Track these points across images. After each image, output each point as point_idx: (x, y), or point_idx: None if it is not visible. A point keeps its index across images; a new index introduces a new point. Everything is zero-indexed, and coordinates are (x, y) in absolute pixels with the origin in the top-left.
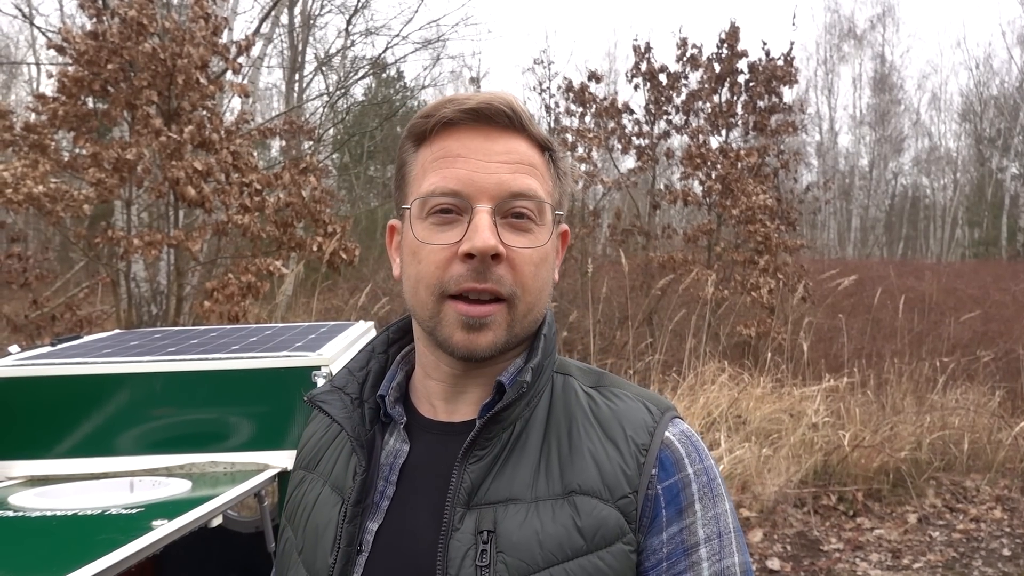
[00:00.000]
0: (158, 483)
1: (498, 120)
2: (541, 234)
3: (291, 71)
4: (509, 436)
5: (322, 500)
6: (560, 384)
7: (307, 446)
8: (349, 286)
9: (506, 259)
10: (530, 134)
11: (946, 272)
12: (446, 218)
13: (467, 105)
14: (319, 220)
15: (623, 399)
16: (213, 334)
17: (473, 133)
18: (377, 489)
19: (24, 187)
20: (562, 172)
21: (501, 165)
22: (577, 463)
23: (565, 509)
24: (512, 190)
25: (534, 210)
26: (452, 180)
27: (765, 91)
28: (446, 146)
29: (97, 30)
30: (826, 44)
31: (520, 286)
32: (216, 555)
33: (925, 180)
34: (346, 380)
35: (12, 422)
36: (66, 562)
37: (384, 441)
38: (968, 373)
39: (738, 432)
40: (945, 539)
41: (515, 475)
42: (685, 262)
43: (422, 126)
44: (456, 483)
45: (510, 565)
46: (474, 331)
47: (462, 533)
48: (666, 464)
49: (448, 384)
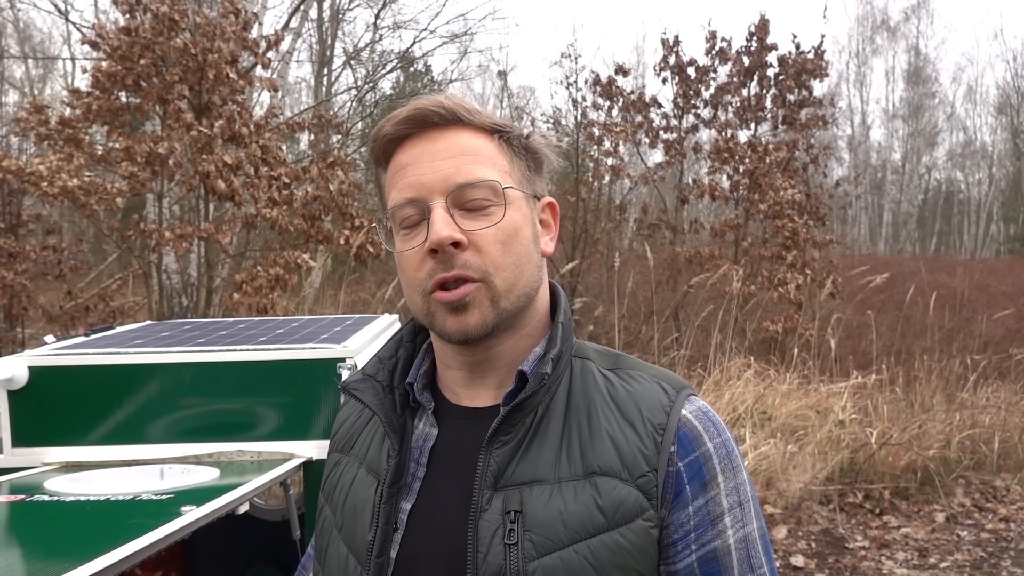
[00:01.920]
0: (187, 470)
1: (433, 120)
2: (499, 212)
3: (320, 65)
4: (531, 420)
5: (359, 481)
6: (579, 368)
7: (341, 430)
8: (376, 279)
9: (471, 244)
10: (471, 124)
11: (979, 268)
12: (412, 224)
13: (401, 117)
14: (346, 214)
15: (639, 380)
16: (242, 326)
17: (416, 140)
18: (409, 471)
19: (59, 180)
20: (520, 148)
21: (444, 161)
22: (597, 445)
23: (587, 489)
24: (458, 182)
25: (487, 193)
26: (406, 189)
27: (795, 85)
28: (397, 160)
29: (130, 26)
30: (858, 36)
31: (491, 264)
32: (243, 541)
33: (959, 175)
34: (377, 368)
35: (47, 410)
36: (99, 545)
37: (414, 425)
38: (1000, 371)
39: (763, 428)
40: (973, 539)
41: (538, 458)
42: (712, 257)
43: (375, 150)
44: (483, 467)
45: (536, 543)
46: (460, 313)
47: (490, 513)
48: (685, 441)
49: (465, 372)
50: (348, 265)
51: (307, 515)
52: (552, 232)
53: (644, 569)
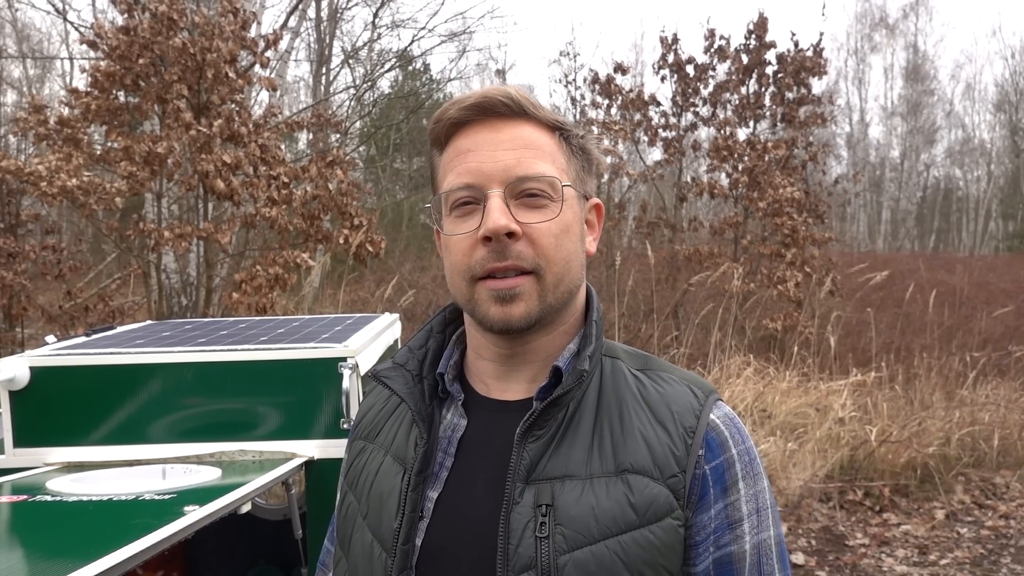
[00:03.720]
0: (189, 470)
1: (499, 110)
2: (555, 208)
3: (318, 64)
4: (564, 416)
5: (384, 469)
6: (609, 367)
7: (366, 418)
8: (375, 278)
9: (525, 236)
10: (535, 118)
11: (978, 266)
12: (466, 209)
13: (468, 103)
14: (346, 213)
15: (670, 383)
16: (242, 325)
17: (479, 127)
18: (436, 460)
19: (58, 180)
20: (578, 148)
21: (507, 152)
22: (629, 443)
23: (619, 486)
24: (519, 174)
25: (545, 188)
26: (465, 174)
27: (794, 82)
28: (458, 145)
29: (128, 25)
30: (857, 34)
31: (544, 258)
32: (245, 541)
33: (958, 172)
34: (407, 357)
35: (49, 410)
36: (101, 545)
37: (442, 415)
38: (999, 368)
39: (763, 426)
40: (973, 536)
41: (570, 453)
42: (711, 255)
43: (436, 131)
44: (516, 460)
45: (568, 537)
46: (507, 303)
47: (522, 506)
48: (712, 445)
49: (498, 364)
50: (347, 264)
51: (309, 514)
52: (596, 232)
53: (672, 567)
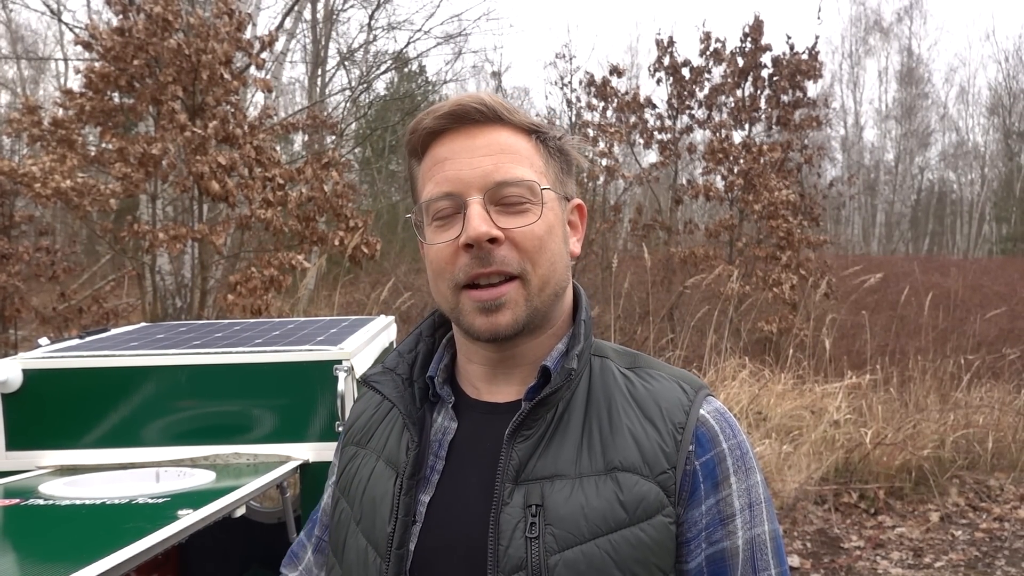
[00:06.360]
0: (183, 474)
1: (474, 117)
2: (536, 211)
3: (314, 66)
4: (552, 416)
5: (377, 473)
6: (598, 366)
7: (357, 424)
8: (371, 280)
9: (507, 241)
10: (510, 123)
11: (972, 268)
12: (447, 219)
13: (442, 111)
14: (341, 214)
15: (658, 379)
16: (237, 327)
17: (455, 135)
18: (428, 464)
19: (52, 181)
20: (556, 150)
21: (484, 158)
22: (618, 441)
23: (608, 484)
24: (497, 179)
25: (524, 192)
26: (443, 183)
27: (789, 85)
28: (435, 154)
29: (123, 26)
30: (852, 37)
31: (528, 261)
32: (239, 544)
33: (952, 175)
34: (397, 362)
35: (42, 413)
36: (95, 549)
37: (433, 419)
38: (993, 371)
39: (758, 429)
40: (968, 538)
41: (559, 453)
42: (707, 258)
43: (412, 141)
44: (505, 461)
45: (558, 536)
46: (492, 313)
47: (512, 507)
48: (702, 440)
49: (488, 367)
50: (343, 266)
51: (303, 518)
52: (579, 233)
53: (663, 565)
